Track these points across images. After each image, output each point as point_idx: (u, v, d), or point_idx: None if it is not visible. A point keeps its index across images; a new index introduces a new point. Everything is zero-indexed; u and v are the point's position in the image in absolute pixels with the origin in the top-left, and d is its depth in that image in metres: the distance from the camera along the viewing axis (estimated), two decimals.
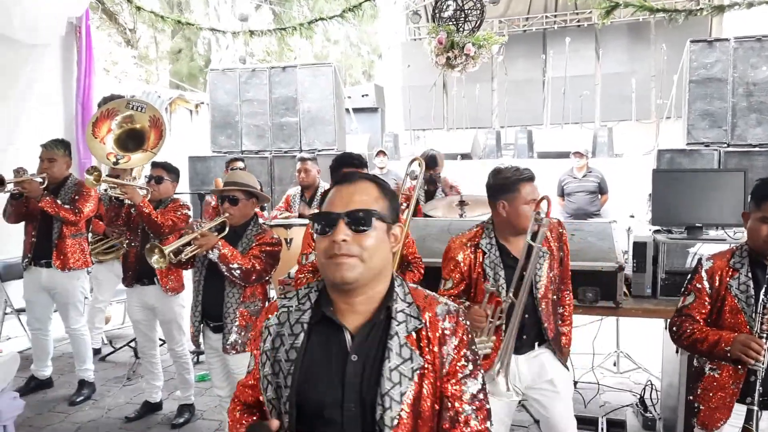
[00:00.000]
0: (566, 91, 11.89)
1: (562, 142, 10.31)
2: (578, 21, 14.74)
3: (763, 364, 2.23)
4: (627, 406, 4.41)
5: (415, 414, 1.45)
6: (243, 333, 3.49)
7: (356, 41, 25.83)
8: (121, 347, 5.88)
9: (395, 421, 1.42)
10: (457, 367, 1.51)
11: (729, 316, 2.42)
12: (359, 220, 1.48)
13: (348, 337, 1.50)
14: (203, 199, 5.55)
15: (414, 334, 1.49)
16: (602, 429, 4.05)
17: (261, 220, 4.91)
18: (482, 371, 1.56)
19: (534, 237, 2.69)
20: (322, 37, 24.99)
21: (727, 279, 2.44)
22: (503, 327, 2.70)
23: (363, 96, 12.39)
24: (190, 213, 4.41)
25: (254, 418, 1.64)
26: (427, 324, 1.51)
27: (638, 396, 4.31)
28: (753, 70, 6.57)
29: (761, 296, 2.31)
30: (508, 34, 12.96)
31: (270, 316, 1.59)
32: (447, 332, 1.51)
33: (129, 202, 4.16)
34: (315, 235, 1.52)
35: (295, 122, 8.03)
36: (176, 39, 22.65)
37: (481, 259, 2.80)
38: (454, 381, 1.50)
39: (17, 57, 6.65)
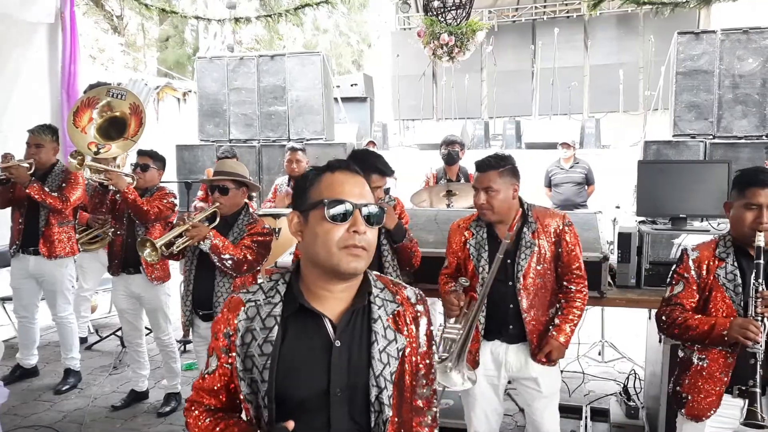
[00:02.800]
0: (555, 82, 11.92)
1: (550, 133, 10.35)
2: (567, 12, 14.78)
3: (761, 346, 2.24)
4: (611, 395, 4.46)
5: (399, 391, 1.54)
6: None
7: (346, 30, 25.73)
8: (107, 336, 5.87)
9: (391, 400, 1.51)
10: (428, 344, 1.64)
11: (717, 305, 2.43)
12: (376, 216, 1.51)
13: (328, 324, 1.51)
14: (190, 188, 5.52)
15: (392, 317, 1.57)
16: (586, 417, 4.09)
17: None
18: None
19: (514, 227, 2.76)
20: (311, 26, 24.89)
21: (715, 269, 2.45)
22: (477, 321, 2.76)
23: (352, 85, 12.37)
24: (177, 201, 4.39)
25: (230, 422, 1.57)
26: (404, 306, 1.60)
27: (622, 385, 4.36)
28: (739, 63, 6.61)
29: (752, 281, 2.32)
30: (498, 24, 12.97)
31: (237, 313, 1.55)
32: (419, 313, 1.62)
33: (114, 188, 4.13)
34: (320, 221, 1.47)
35: (283, 111, 7.99)
36: (164, 26, 22.47)
37: (468, 240, 2.94)
38: (426, 358, 1.63)
39: (8, 34, 6.58)
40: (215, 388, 1.60)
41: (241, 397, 1.54)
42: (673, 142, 6.77)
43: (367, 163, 2.94)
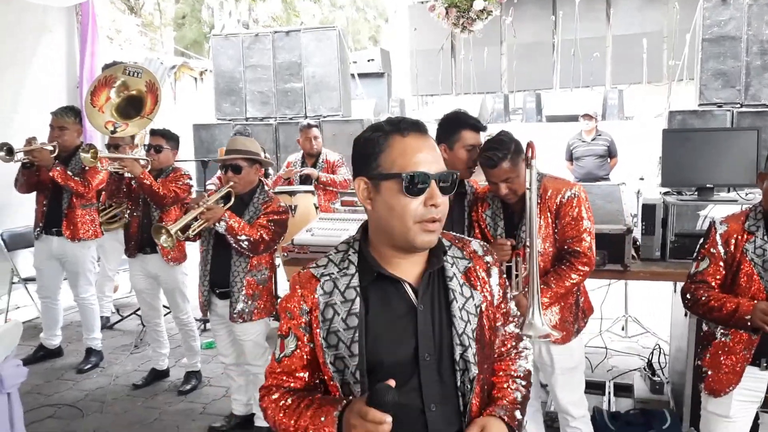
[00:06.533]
0: (576, 53, 11.66)
1: (571, 106, 10.12)
2: None
3: None
4: (635, 370, 4.38)
5: (481, 347, 1.51)
6: (250, 302, 3.48)
7: (362, 5, 25.45)
8: (128, 315, 5.91)
9: (476, 357, 1.48)
10: (503, 295, 1.61)
11: (745, 281, 2.32)
12: (450, 185, 1.43)
13: (409, 289, 1.47)
14: (207, 167, 5.50)
15: (465, 274, 1.53)
16: (609, 393, 4.03)
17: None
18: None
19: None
20: (328, 3, 24.66)
21: (743, 243, 2.34)
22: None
23: (369, 61, 12.19)
24: (192, 183, 4.36)
25: (315, 396, 1.49)
26: (473, 261, 1.56)
27: (646, 360, 4.27)
28: None
29: None
30: None
31: (313, 290, 1.49)
32: (490, 264, 1.59)
33: (129, 174, 4.11)
34: (396, 194, 1.39)
35: (299, 88, 7.91)
36: (180, 5, 22.40)
37: (485, 211, 2.93)
38: (504, 309, 1.62)
39: (24, 17, 6.57)
40: (296, 368, 1.54)
41: (329, 375, 1.49)
42: (699, 112, 6.56)
43: (457, 121, 2.92)
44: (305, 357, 1.52)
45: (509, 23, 12.70)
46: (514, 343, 1.67)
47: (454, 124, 2.90)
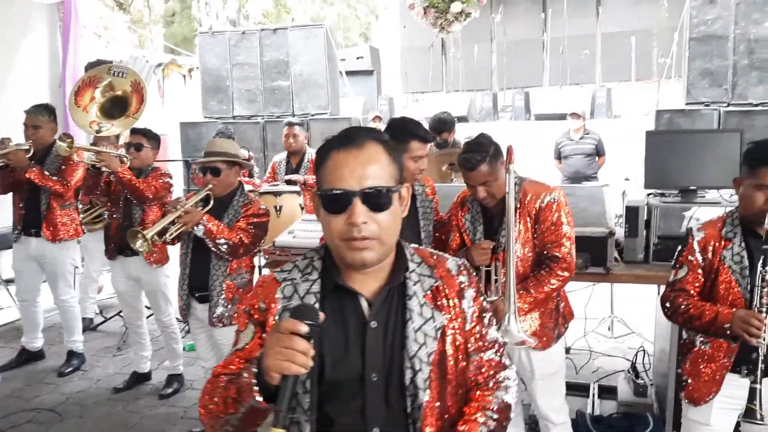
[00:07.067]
0: (565, 51, 11.65)
1: (560, 104, 10.12)
2: None
3: (764, 340, 2.12)
4: (620, 371, 4.36)
5: (441, 373, 1.42)
6: (229, 306, 3.44)
7: (353, 2, 25.37)
8: (111, 317, 5.85)
9: (427, 383, 1.38)
10: (478, 318, 1.50)
11: (723, 288, 2.30)
12: (377, 200, 1.34)
13: (364, 304, 1.41)
14: (189, 167, 5.44)
15: (431, 293, 1.45)
16: (593, 395, 4.01)
17: (250, 187, 4.84)
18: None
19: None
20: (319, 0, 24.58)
21: (721, 250, 2.31)
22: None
23: (358, 58, 12.15)
24: (173, 182, 4.31)
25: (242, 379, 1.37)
26: (443, 280, 1.47)
27: (630, 362, 4.26)
28: (755, 27, 6.34)
29: (759, 268, 2.19)
30: None
31: (272, 293, 1.44)
32: (464, 285, 1.49)
33: (107, 170, 4.06)
34: (322, 211, 1.37)
35: (287, 86, 7.84)
36: (170, 1, 22.26)
37: (465, 215, 2.92)
38: (478, 334, 1.50)
39: (7, 14, 6.50)
40: (254, 354, 1.41)
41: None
42: (686, 111, 6.55)
43: (405, 130, 2.83)
44: (255, 353, 1.41)
45: (499, 21, 12.69)
46: (492, 372, 1.55)
47: (401, 134, 2.82)
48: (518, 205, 2.71)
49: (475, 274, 1.57)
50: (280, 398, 1.20)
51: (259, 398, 1.25)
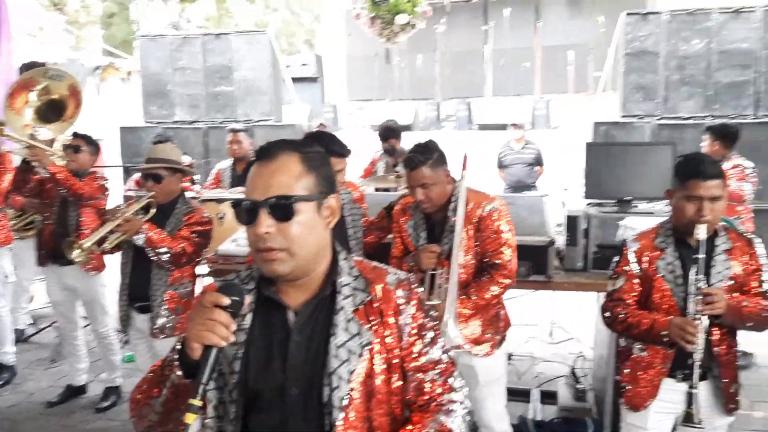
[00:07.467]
0: (506, 63, 11.91)
1: (502, 114, 10.35)
2: None
3: (699, 346, 2.22)
4: (561, 377, 4.47)
5: (367, 392, 1.37)
6: (172, 316, 3.36)
7: (297, 9, 25.26)
8: (44, 328, 5.63)
9: (344, 401, 1.34)
10: (417, 336, 1.44)
11: (659, 297, 2.39)
12: (280, 210, 1.32)
13: (291, 316, 1.40)
14: (128, 173, 5.31)
15: (362, 308, 1.40)
16: (536, 401, 4.09)
17: (193, 194, 4.74)
18: (440, 336, 1.51)
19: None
20: (262, 4, 24.36)
21: (655, 260, 2.41)
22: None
23: (302, 65, 12.13)
24: (108, 186, 4.19)
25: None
26: (379, 296, 1.42)
27: (571, 367, 4.37)
28: (685, 44, 6.65)
29: (691, 277, 2.28)
30: (450, 4, 12.86)
31: None
32: (401, 301, 1.44)
33: (37, 165, 3.91)
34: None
35: (230, 92, 7.74)
36: (108, 3, 21.65)
37: (408, 221, 2.96)
38: (415, 353, 1.44)
39: None
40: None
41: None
42: (621, 123, 6.80)
43: (321, 146, 2.81)
44: None
45: (442, 32, 12.85)
46: (435, 395, 1.46)
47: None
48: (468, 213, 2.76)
49: (419, 286, 1.55)
50: (200, 371, 1.22)
51: (179, 372, 1.27)
